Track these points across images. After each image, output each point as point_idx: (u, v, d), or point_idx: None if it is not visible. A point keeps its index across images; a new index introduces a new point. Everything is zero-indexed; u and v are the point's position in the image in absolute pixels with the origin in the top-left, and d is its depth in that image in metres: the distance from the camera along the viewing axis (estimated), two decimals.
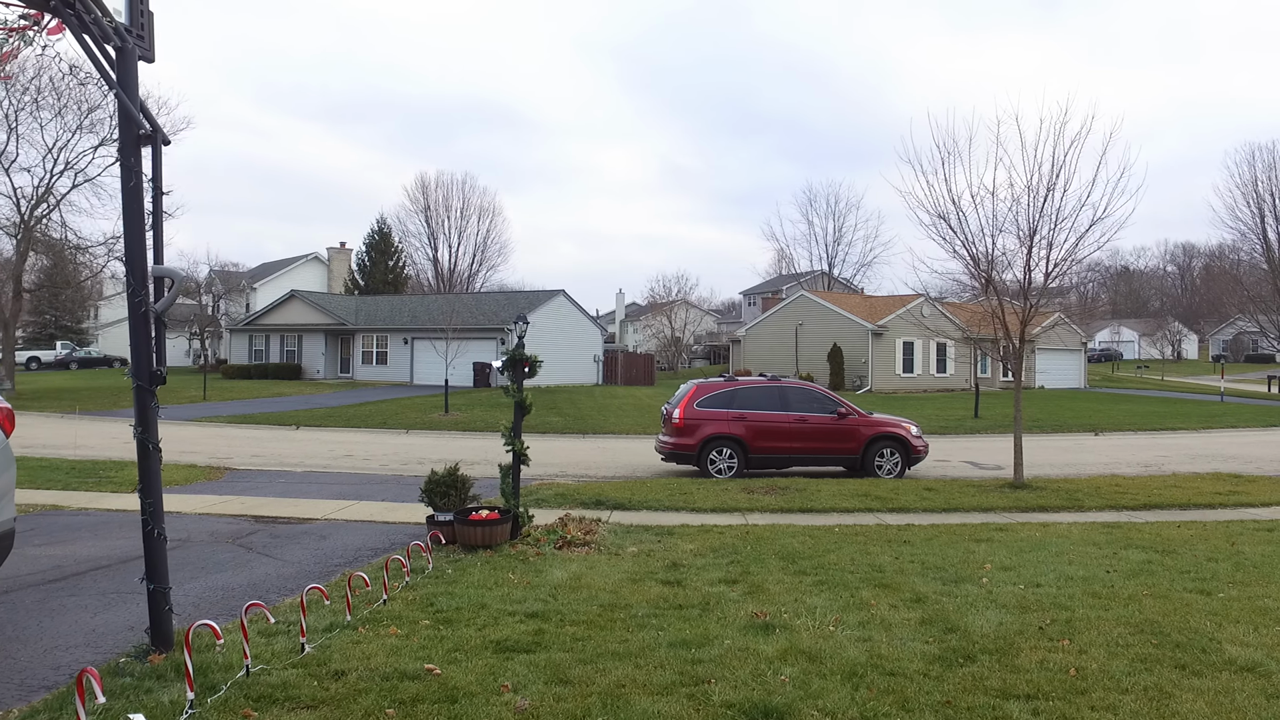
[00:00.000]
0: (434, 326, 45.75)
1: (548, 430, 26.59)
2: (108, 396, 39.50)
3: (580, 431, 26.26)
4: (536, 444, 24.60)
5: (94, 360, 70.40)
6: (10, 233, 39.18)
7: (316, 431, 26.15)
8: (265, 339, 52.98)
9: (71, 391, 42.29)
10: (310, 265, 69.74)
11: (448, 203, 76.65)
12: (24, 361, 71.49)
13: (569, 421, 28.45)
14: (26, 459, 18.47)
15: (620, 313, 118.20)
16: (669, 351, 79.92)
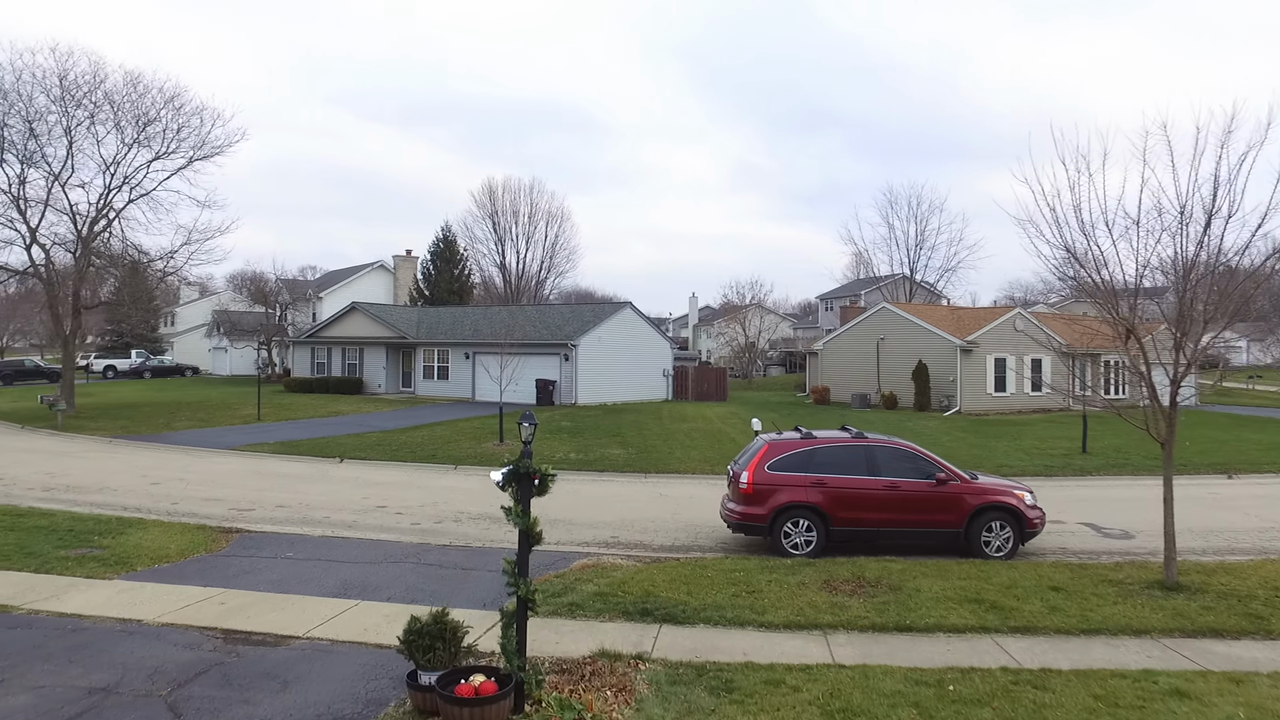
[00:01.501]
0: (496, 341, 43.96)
1: (607, 466, 24.32)
2: (164, 414, 38.55)
3: (642, 470, 23.92)
4: (592, 487, 22.57)
5: (166, 369, 70.67)
6: (69, 249, 38.48)
7: (358, 468, 24.31)
8: (327, 351, 51.89)
9: (132, 408, 41.55)
10: (376, 274, 68.82)
11: (515, 207, 75.19)
12: (101, 370, 72.23)
13: (631, 456, 26.15)
14: (32, 510, 16.93)
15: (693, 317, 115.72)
16: (742, 359, 77.24)
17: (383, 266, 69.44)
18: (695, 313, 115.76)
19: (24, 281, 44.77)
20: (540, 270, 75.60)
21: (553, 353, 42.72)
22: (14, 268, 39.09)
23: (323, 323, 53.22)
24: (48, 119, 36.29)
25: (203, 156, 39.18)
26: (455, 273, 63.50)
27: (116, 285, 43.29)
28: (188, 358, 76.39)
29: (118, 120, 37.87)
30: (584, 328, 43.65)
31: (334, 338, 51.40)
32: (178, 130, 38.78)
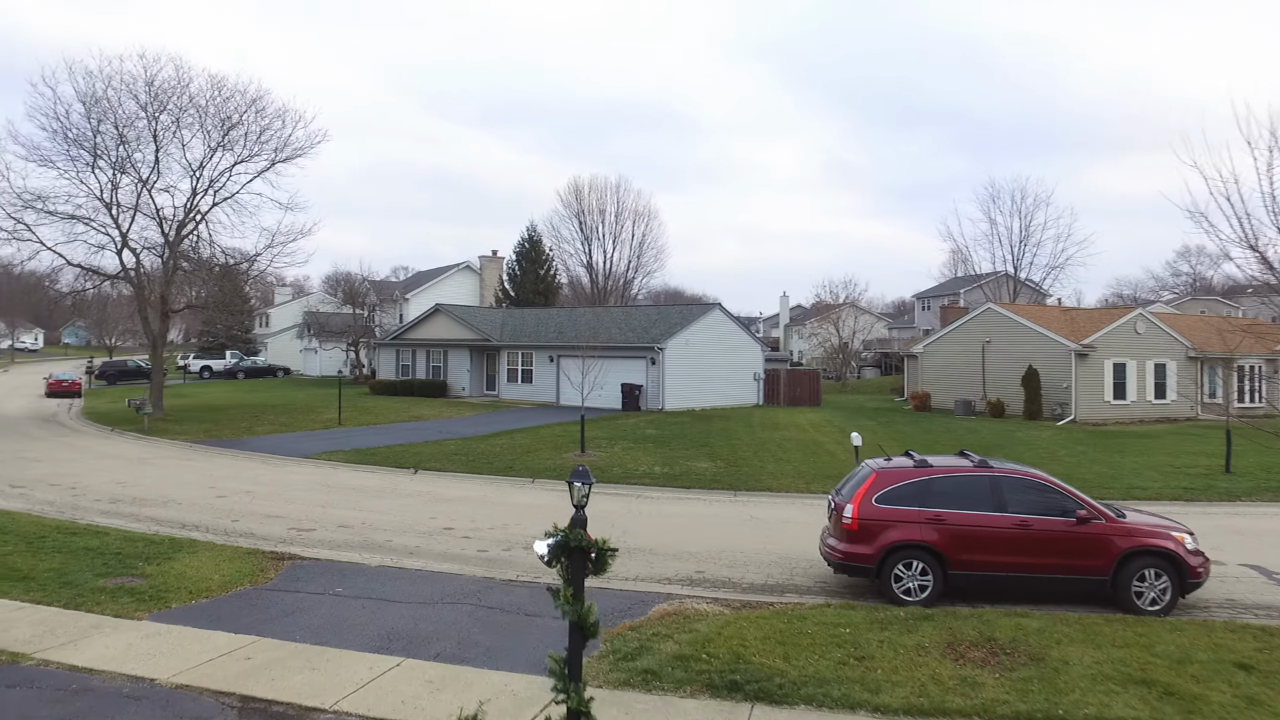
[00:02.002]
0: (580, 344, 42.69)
1: (693, 483, 22.62)
2: (248, 417, 38.32)
3: (731, 486, 22.16)
4: (678, 506, 20.72)
5: (259, 370, 71.62)
6: (157, 253, 38.57)
7: (432, 481, 23.15)
8: (411, 354, 51.42)
9: (219, 411, 41.55)
10: (462, 275, 68.41)
11: (601, 206, 74.08)
12: (198, 370, 73.67)
13: (719, 470, 24.41)
14: (88, 528, 16.10)
15: (784, 316, 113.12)
16: (835, 360, 74.63)
17: (469, 267, 69.00)
18: (786, 312, 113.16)
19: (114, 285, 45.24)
20: (627, 270, 74.37)
21: (639, 356, 41.22)
22: (107, 272, 39.39)
23: (407, 325, 52.82)
24: (136, 125, 36.39)
25: (284, 159, 38.92)
26: (540, 273, 62.58)
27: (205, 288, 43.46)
28: (280, 358, 77.38)
29: (202, 123, 37.84)
30: (671, 330, 42.03)
31: (418, 340, 50.90)
32: (260, 133, 38.60)
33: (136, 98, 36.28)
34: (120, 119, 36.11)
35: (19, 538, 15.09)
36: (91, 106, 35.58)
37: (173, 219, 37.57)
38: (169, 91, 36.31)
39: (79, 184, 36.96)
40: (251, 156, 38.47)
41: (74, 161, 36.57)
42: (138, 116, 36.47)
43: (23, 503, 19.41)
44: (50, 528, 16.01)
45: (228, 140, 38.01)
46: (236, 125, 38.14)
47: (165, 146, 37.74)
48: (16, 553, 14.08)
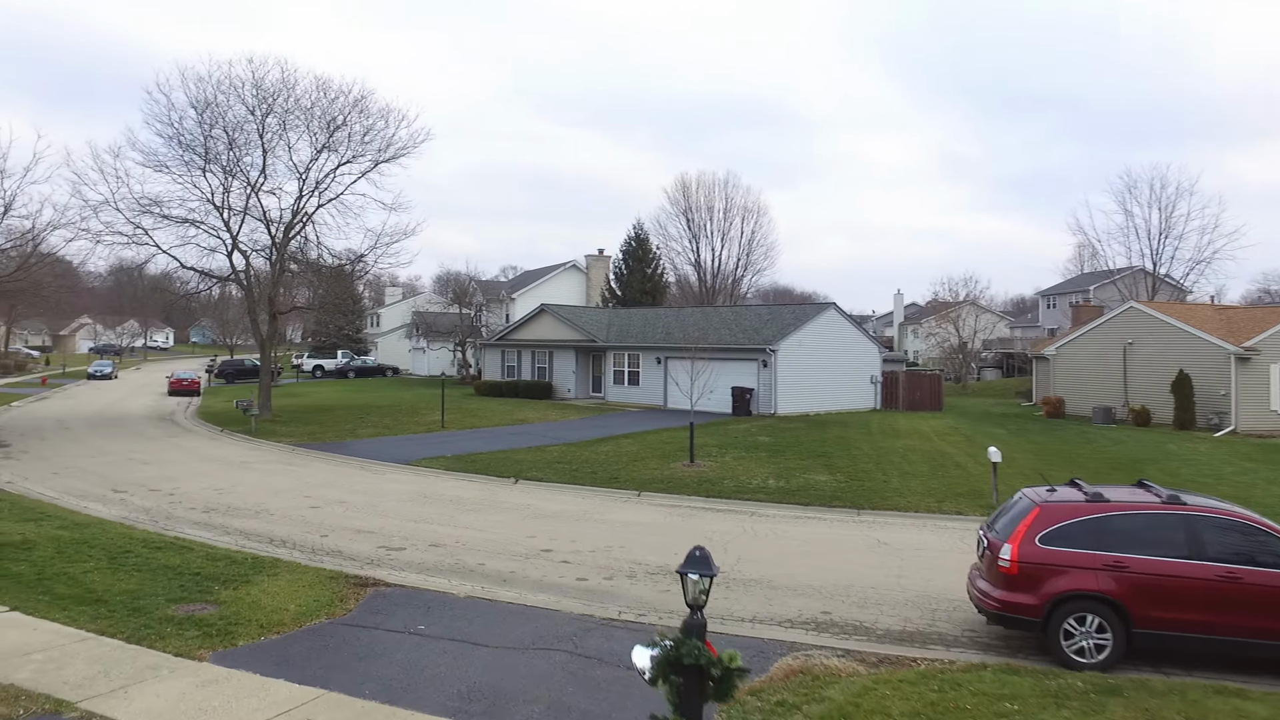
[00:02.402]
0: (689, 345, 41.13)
1: (812, 499, 20.78)
2: (353, 419, 38.06)
3: (854, 504, 20.25)
4: (796, 528, 18.23)
5: (369, 369, 72.40)
6: (265, 255, 38.70)
7: (532, 492, 21.94)
8: (517, 354, 50.75)
9: (325, 412, 41.53)
10: (568, 274, 67.66)
11: (709, 203, 72.32)
12: (311, 370, 75.00)
13: (840, 485, 22.50)
14: (174, 542, 15.35)
15: (898, 315, 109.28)
16: (954, 360, 71.18)
17: (575, 266, 68.18)
18: (900, 310, 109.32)
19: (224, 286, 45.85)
20: (736, 268, 72.45)
21: (750, 358, 39.41)
22: (217, 274, 39.76)
23: (513, 325, 52.21)
24: (245, 128, 36.49)
25: (387, 159, 38.58)
26: (647, 272, 61.28)
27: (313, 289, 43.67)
28: (390, 358, 78.20)
29: (308, 125, 37.74)
30: (784, 331, 40.08)
31: (523, 340, 50.20)
32: (364, 134, 38.33)
33: (244, 101, 36.44)
34: (229, 123, 36.34)
35: (104, 552, 14.41)
36: (203, 111, 35.90)
37: (279, 221, 37.62)
38: (275, 94, 36.32)
39: (192, 188, 37.41)
40: (355, 157, 38.29)
41: (187, 166, 37.00)
42: (246, 120, 36.66)
43: (120, 509, 18.98)
44: (137, 540, 15.32)
45: (332, 141, 37.90)
46: (341, 126, 37.97)
47: (272, 149, 37.88)
48: (98, 570, 13.35)
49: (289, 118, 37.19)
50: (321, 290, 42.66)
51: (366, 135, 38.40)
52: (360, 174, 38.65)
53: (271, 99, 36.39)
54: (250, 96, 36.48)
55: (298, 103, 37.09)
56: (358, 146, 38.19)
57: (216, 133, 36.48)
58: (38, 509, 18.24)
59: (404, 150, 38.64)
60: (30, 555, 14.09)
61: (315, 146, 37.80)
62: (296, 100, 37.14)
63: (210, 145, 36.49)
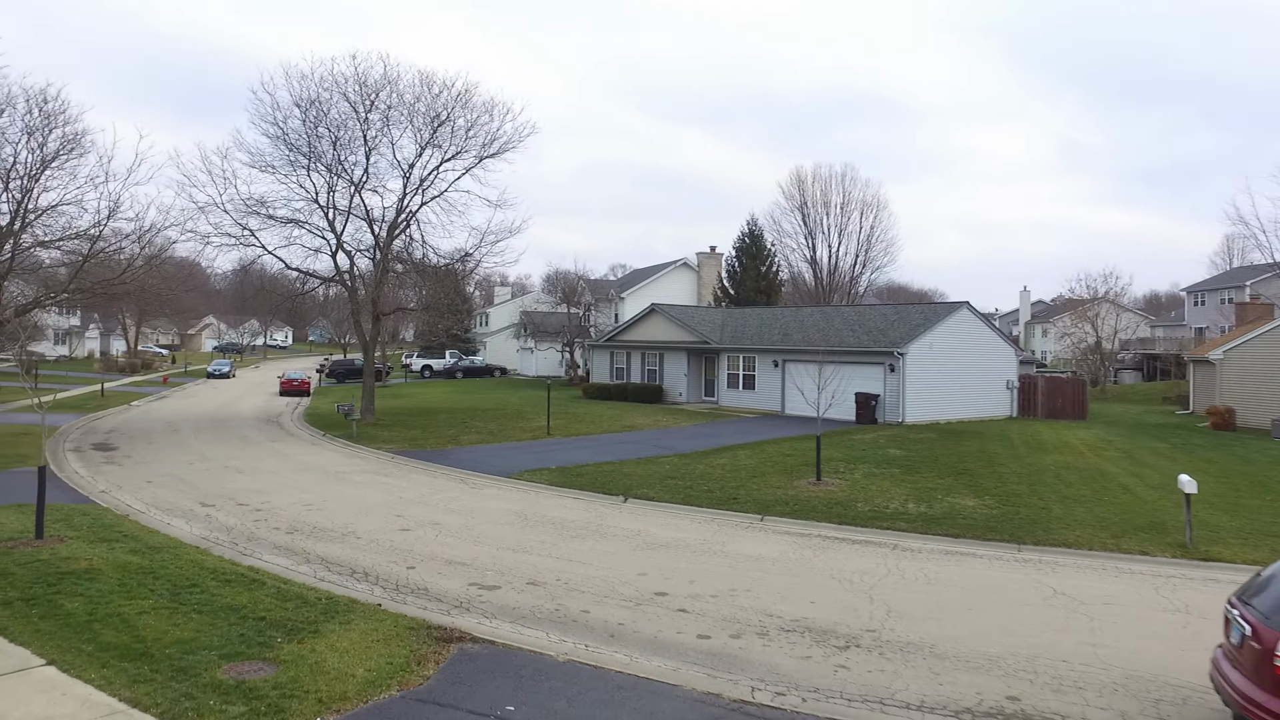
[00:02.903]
0: (809, 348, 38.47)
1: (961, 528, 18.06)
2: (457, 423, 36.71)
3: (1012, 536, 17.44)
4: (950, 568, 15.08)
5: (477, 369, 71.74)
6: (368, 255, 37.74)
7: (642, 514, 19.80)
8: (626, 356, 48.84)
9: (429, 415, 40.36)
10: (679, 272, 65.50)
11: (826, 198, 69.13)
12: (419, 369, 74.88)
13: (990, 511, 19.67)
14: (246, 574, 13.74)
15: (1025, 313, 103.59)
16: (1089, 361, 66.28)
17: (686, 264, 66.01)
18: (1027, 308, 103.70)
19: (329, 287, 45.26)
20: (855, 265, 69.06)
21: (875, 362, 36.50)
22: (322, 275, 39.04)
23: (621, 325, 50.33)
24: (348, 125, 35.55)
25: (491, 154, 37.11)
26: (762, 270, 58.58)
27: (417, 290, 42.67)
28: (498, 358, 77.52)
29: (411, 120, 36.58)
30: (913, 333, 37.01)
31: (633, 341, 48.26)
32: (468, 129, 36.94)
33: (347, 98, 35.45)
34: (333, 121, 35.45)
35: (168, 585, 12.88)
36: (307, 110, 35.13)
37: (382, 220, 36.59)
38: (378, 89, 35.26)
39: (296, 188, 36.72)
40: (459, 153, 36.97)
41: (292, 166, 36.31)
42: (349, 117, 35.71)
43: (203, 527, 17.65)
44: (207, 571, 13.76)
45: (436, 137, 36.64)
46: (445, 121, 36.65)
47: (376, 146, 36.87)
48: (155, 610, 11.77)
49: (392, 114, 36.16)
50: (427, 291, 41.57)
51: (470, 130, 37.09)
52: (464, 170, 37.36)
53: (374, 95, 35.39)
54: (353, 93, 35.55)
55: (401, 98, 36.02)
56: (461, 142, 36.91)
57: (321, 131, 35.68)
58: (117, 527, 17.02)
59: (509, 145, 37.18)
60: (90, 588, 12.66)
61: (419, 143, 36.68)
62: (400, 95, 36.08)
63: (315, 144, 35.70)
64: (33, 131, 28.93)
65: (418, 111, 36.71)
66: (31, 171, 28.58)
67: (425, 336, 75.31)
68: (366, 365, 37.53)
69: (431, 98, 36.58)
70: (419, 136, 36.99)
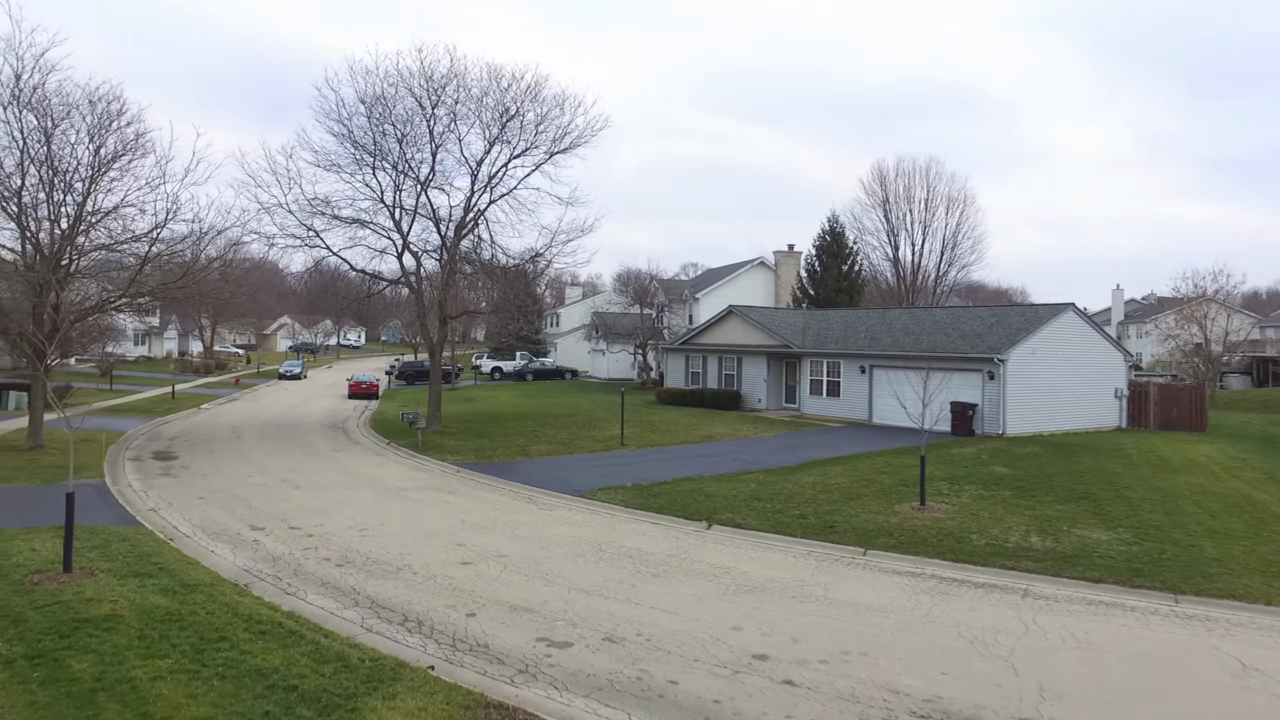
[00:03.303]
0: (901, 354, 35.98)
1: (1100, 570, 15.57)
2: (526, 431, 35.04)
3: (1164, 584, 14.89)
4: (1102, 629, 12.45)
5: (547, 371, 70.27)
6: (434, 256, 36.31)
7: (729, 545, 17.71)
8: (702, 360, 46.72)
9: (497, 422, 38.79)
10: (756, 272, 63.07)
11: (909, 193, 66.00)
12: (489, 371, 73.70)
13: (1128, 546, 17.12)
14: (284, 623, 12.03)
15: (1118, 313, 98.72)
16: (1191, 364, 62.07)
17: (763, 263, 63.55)
18: (1120, 308, 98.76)
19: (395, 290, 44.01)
20: (940, 263, 65.85)
21: (972, 369, 33.79)
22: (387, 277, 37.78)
23: (697, 328, 48.18)
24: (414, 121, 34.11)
25: (562, 149, 35.32)
26: (844, 269, 55.84)
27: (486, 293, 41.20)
28: (568, 359, 75.98)
29: (479, 115, 34.98)
30: (1014, 337, 34.19)
31: (709, 345, 46.11)
32: (538, 123, 35.20)
33: (413, 93, 34.00)
34: (398, 116, 34.05)
35: (194, 639, 11.25)
36: (372, 106, 33.78)
37: (449, 220, 35.07)
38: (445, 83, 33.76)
39: (362, 187, 35.44)
40: (529, 148, 35.27)
41: (358, 164, 35.00)
42: (415, 113, 34.25)
43: (248, 557, 16.09)
44: (240, 619, 12.11)
45: (505, 133, 34.98)
46: (514, 116, 34.97)
47: (443, 143, 35.36)
48: (174, 673, 10.13)
49: (459, 109, 34.62)
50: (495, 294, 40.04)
51: (541, 124, 35.35)
52: (534, 166, 35.66)
53: (441, 89, 33.87)
54: (419, 88, 34.08)
55: (468, 92, 34.46)
56: (531, 137, 35.20)
57: (386, 128, 34.32)
58: (154, 557, 15.53)
59: (581, 139, 35.35)
60: (105, 641, 11.08)
61: (487, 139, 35.09)
62: (467, 90, 34.50)
63: (380, 142, 34.37)
64: (94, 133, 28.00)
65: (486, 106, 35.18)
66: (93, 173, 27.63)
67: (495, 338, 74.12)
68: (433, 370, 36.03)
69: (500, 91, 35.00)
70: (487, 132, 35.47)
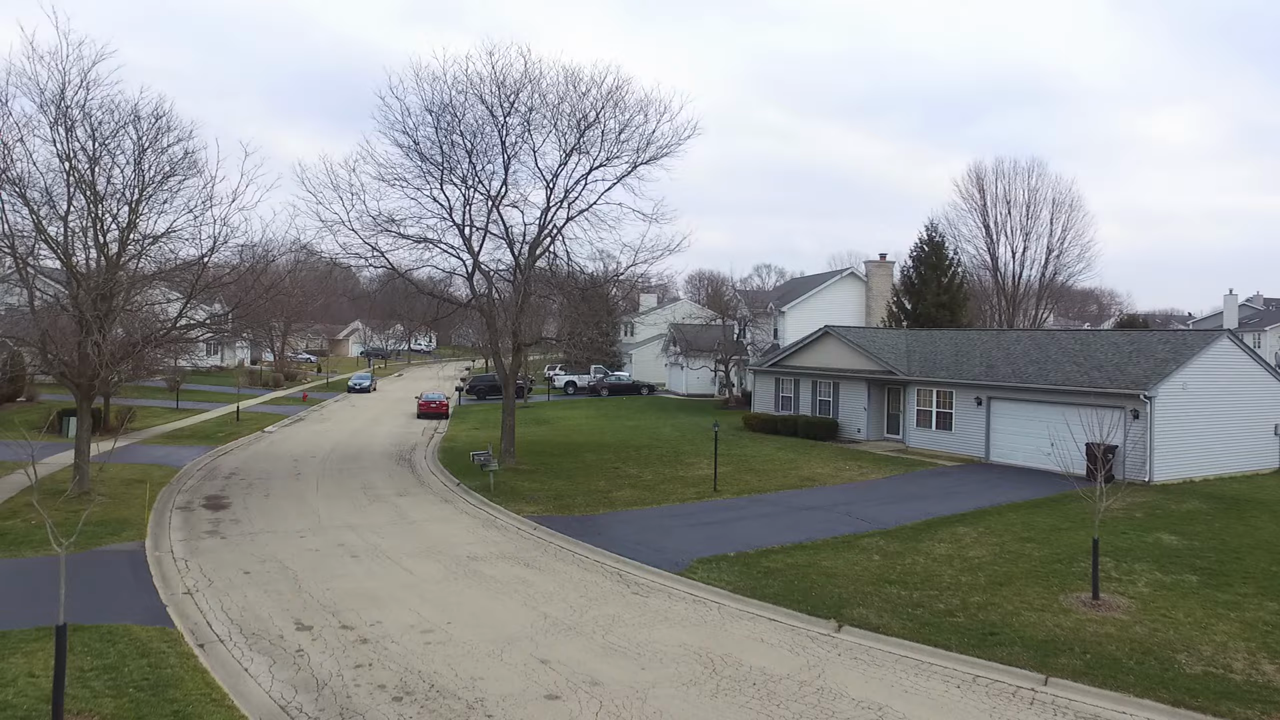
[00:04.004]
0: (1021, 384, 32.10)
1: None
2: (607, 469, 32.06)
3: None
4: None
5: (623, 386, 67.31)
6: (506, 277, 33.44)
7: (870, 659, 14.30)
8: (794, 383, 43.18)
9: (575, 454, 35.85)
10: (845, 283, 59.26)
11: (1009, 197, 61.38)
12: (563, 385, 71.03)
13: None
14: None
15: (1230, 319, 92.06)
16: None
17: (853, 274, 59.81)
18: (1234, 314, 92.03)
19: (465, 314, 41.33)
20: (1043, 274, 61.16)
21: (1111, 405, 29.67)
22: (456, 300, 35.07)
23: (788, 349, 44.57)
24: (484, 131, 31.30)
25: (648, 160, 32.15)
26: (943, 281, 51.63)
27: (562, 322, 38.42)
28: (644, 372, 73.01)
29: (555, 123, 31.99)
30: (1161, 370, 30.03)
31: (802, 368, 42.53)
32: (619, 131, 32.06)
33: (484, 99, 31.14)
34: (467, 126, 31.30)
35: None
36: (440, 115, 31.05)
37: (523, 239, 32.17)
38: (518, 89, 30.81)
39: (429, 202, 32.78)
40: (610, 159, 32.15)
41: (425, 177, 32.27)
42: (486, 121, 31.43)
43: (286, 679, 13.19)
44: None
45: (583, 142, 31.93)
46: (593, 124, 31.91)
47: (516, 154, 32.43)
48: None
49: (533, 116, 31.65)
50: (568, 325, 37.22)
51: (622, 133, 32.21)
52: (616, 179, 32.59)
53: (514, 96, 30.94)
54: (490, 94, 31.19)
55: (543, 99, 31.45)
56: (613, 147, 32.09)
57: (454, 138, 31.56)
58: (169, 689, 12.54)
59: (666, 149, 32.12)
60: None
61: (564, 149, 32.06)
62: (542, 96, 31.49)
63: (448, 153, 31.61)
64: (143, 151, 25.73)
65: (562, 113, 32.18)
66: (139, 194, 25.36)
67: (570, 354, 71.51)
68: (506, 400, 33.04)
69: (578, 97, 31.95)
70: (564, 141, 32.44)
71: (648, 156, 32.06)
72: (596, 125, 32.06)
